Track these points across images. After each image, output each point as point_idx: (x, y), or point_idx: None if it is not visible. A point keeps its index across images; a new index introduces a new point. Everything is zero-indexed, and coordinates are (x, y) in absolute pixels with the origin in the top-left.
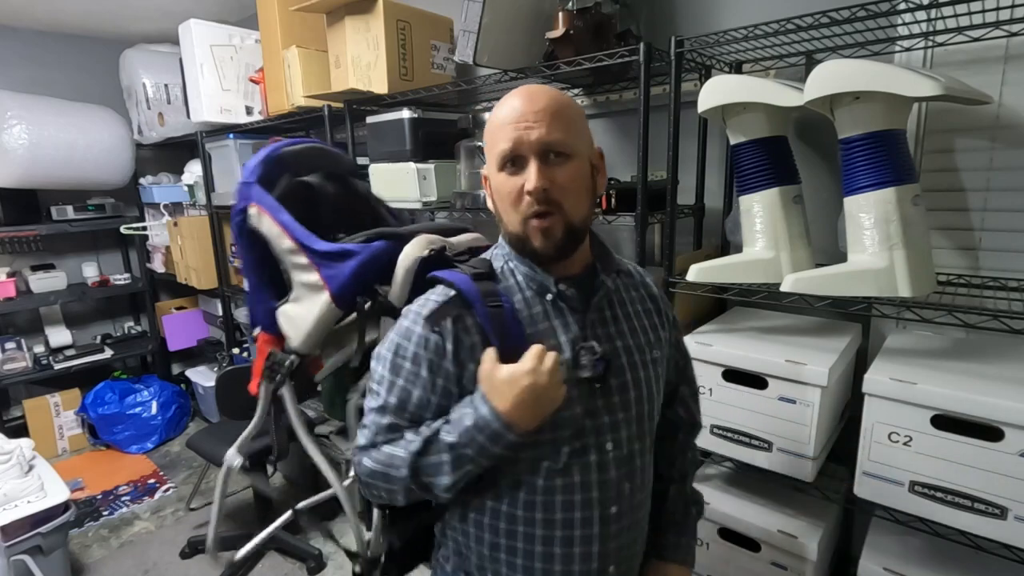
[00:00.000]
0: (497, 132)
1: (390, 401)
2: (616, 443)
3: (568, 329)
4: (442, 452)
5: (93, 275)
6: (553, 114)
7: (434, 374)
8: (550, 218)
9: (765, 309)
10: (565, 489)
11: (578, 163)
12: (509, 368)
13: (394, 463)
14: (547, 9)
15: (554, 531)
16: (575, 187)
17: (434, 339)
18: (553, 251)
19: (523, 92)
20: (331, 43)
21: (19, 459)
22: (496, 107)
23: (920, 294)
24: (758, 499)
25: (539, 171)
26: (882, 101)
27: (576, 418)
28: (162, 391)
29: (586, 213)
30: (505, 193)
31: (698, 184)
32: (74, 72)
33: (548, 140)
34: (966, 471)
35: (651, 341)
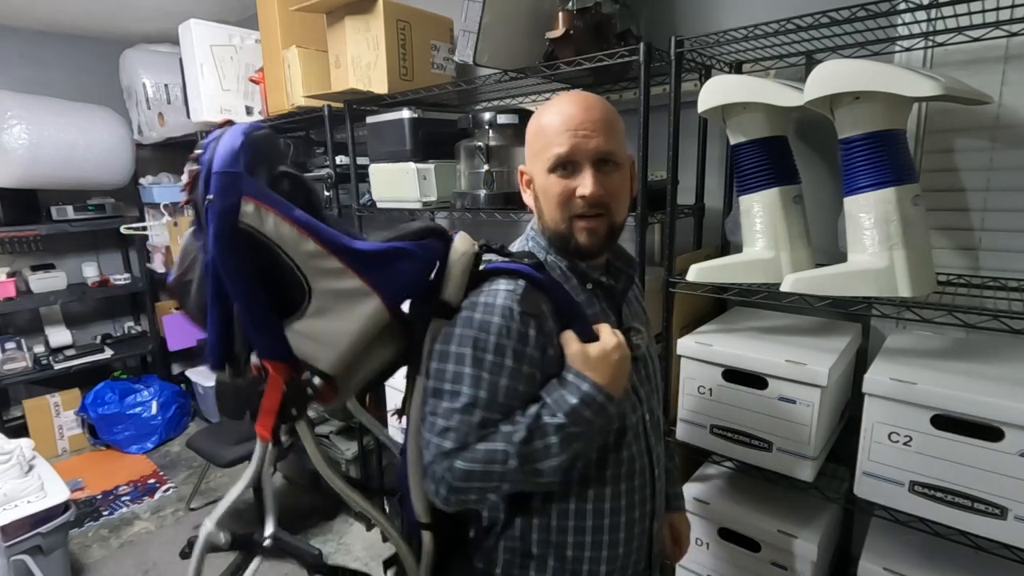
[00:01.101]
0: (551, 136)
1: (480, 396)
2: (651, 412)
3: (608, 314)
4: (549, 435)
5: (93, 275)
6: (608, 125)
7: (519, 362)
8: (598, 220)
9: (765, 309)
10: (614, 464)
11: (624, 172)
12: (598, 346)
13: (496, 458)
14: (547, 9)
15: (620, 500)
16: (622, 193)
17: (516, 327)
18: (598, 248)
19: (579, 100)
20: (331, 43)
21: (19, 459)
22: (546, 111)
23: (920, 294)
24: (758, 499)
25: (595, 178)
26: (882, 101)
27: (629, 391)
28: (162, 391)
29: (626, 215)
30: (554, 194)
31: (698, 184)
32: (74, 72)
33: (605, 150)
34: (966, 471)
35: (649, 322)
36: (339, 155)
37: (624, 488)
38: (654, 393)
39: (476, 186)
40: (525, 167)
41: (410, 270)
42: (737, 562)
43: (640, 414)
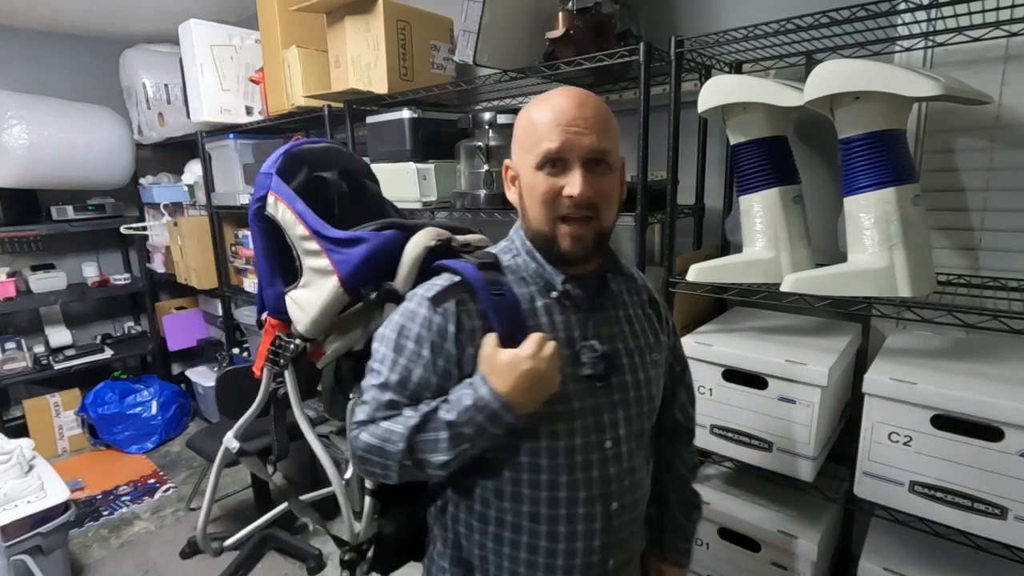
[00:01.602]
0: (542, 131)
1: (391, 378)
2: (615, 441)
3: (570, 327)
4: (440, 430)
5: (93, 275)
6: (602, 123)
7: (436, 355)
8: (586, 225)
9: (765, 309)
10: (568, 486)
11: (616, 175)
12: (510, 352)
13: (391, 438)
14: (547, 9)
15: (558, 526)
16: (612, 197)
17: (437, 320)
18: (582, 255)
19: (571, 95)
20: (331, 43)
21: (19, 459)
22: (537, 105)
23: (920, 294)
24: (758, 499)
25: (585, 179)
26: (882, 101)
27: (574, 414)
28: (162, 391)
29: (614, 220)
30: (541, 192)
31: (698, 184)
32: (74, 72)
33: (598, 148)
34: (966, 471)
35: (651, 344)
36: None
37: (564, 514)
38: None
39: (476, 186)
40: (511, 162)
41: (364, 256)
42: (737, 562)
43: (597, 440)
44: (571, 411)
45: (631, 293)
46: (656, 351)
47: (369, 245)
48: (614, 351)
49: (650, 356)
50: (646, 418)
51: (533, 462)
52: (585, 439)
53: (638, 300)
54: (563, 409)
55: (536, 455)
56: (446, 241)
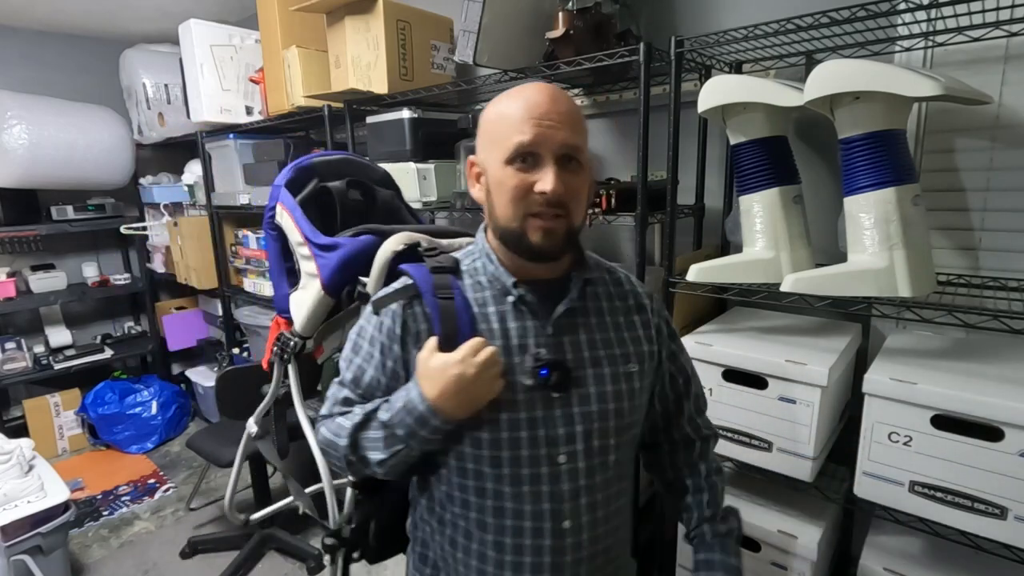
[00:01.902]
0: (513, 123)
1: (347, 376)
2: (570, 456)
3: (524, 333)
4: (377, 429)
5: (93, 275)
6: (574, 118)
7: (384, 356)
8: (557, 220)
9: (765, 309)
10: (514, 497)
11: (586, 174)
12: (442, 356)
13: (340, 433)
14: (547, 9)
15: (504, 537)
16: (582, 195)
17: (386, 322)
18: (553, 249)
19: (542, 89)
20: (331, 43)
21: (19, 459)
22: (506, 98)
23: (920, 294)
24: (758, 499)
25: (558, 175)
26: (882, 101)
27: (519, 424)
28: (162, 391)
29: (584, 219)
30: (510, 187)
31: (698, 184)
32: (74, 72)
33: (572, 144)
34: (966, 471)
35: (629, 354)
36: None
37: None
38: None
39: None
40: (475, 157)
41: (339, 260)
42: None
43: (548, 453)
44: (516, 421)
45: (613, 298)
46: (634, 362)
47: (344, 250)
48: (577, 360)
49: (624, 367)
50: (614, 434)
51: (478, 469)
52: (532, 451)
53: (621, 306)
54: (508, 418)
55: (479, 463)
56: (413, 245)
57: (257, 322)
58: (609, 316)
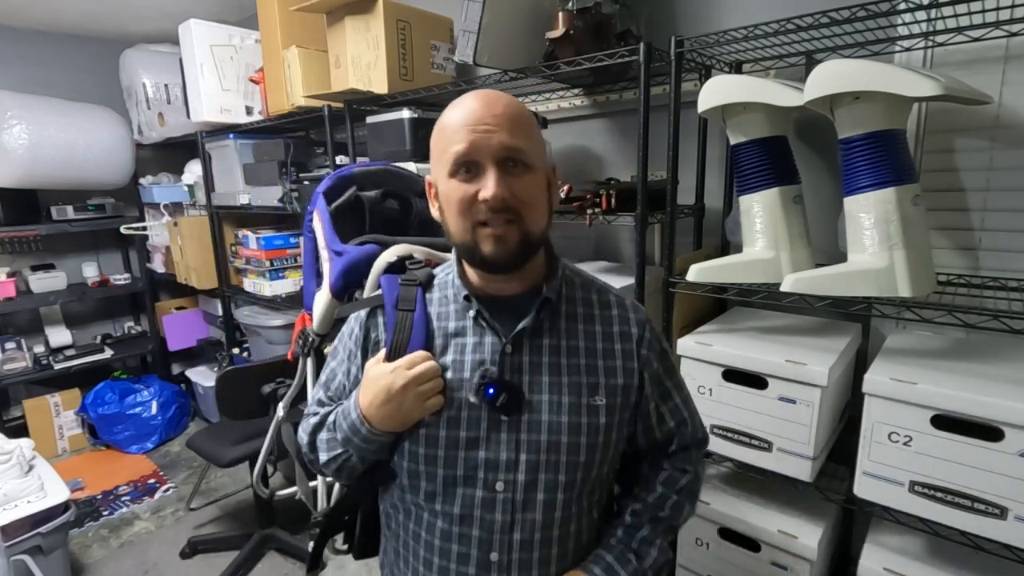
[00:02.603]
0: (449, 135)
1: (322, 379)
2: (508, 485)
3: (480, 349)
4: (325, 432)
5: (93, 275)
6: (513, 120)
7: (350, 362)
8: (506, 226)
9: (765, 309)
10: (444, 516)
11: (537, 176)
12: (378, 366)
13: (304, 430)
14: (547, 9)
15: (433, 555)
16: (534, 198)
17: (356, 330)
18: (506, 259)
19: (479, 94)
20: (331, 43)
21: (19, 459)
22: (447, 110)
23: (920, 294)
24: (758, 499)
25: (498, 179)
26: (882, 101)
27: (458, 442)
28: (162, 391)
29: (544, 226)
30: (455, 200)
31: (698, 184)
32: (74, 72)
33: (509, 145)
34: (966, 471)
35: (597, 385)
36: (339, 155)
37: (438, 545)
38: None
39: None
40: (430, 176)
41: (342, 267)
42: (737, 562)
43: (486, 478)
44: (455, 439)
45: (594, 321)
46: (602, 395)
47: (346, 258)
48: (534, 383)
49: (589, 399)
50: (563, 470)
51: (414, 484)
52: (468, 472)
53: (602, 331)
54: (447, 435)
55: (416, 477)
56: (405, 257)
57: (257, 322)
58: (583, 341)
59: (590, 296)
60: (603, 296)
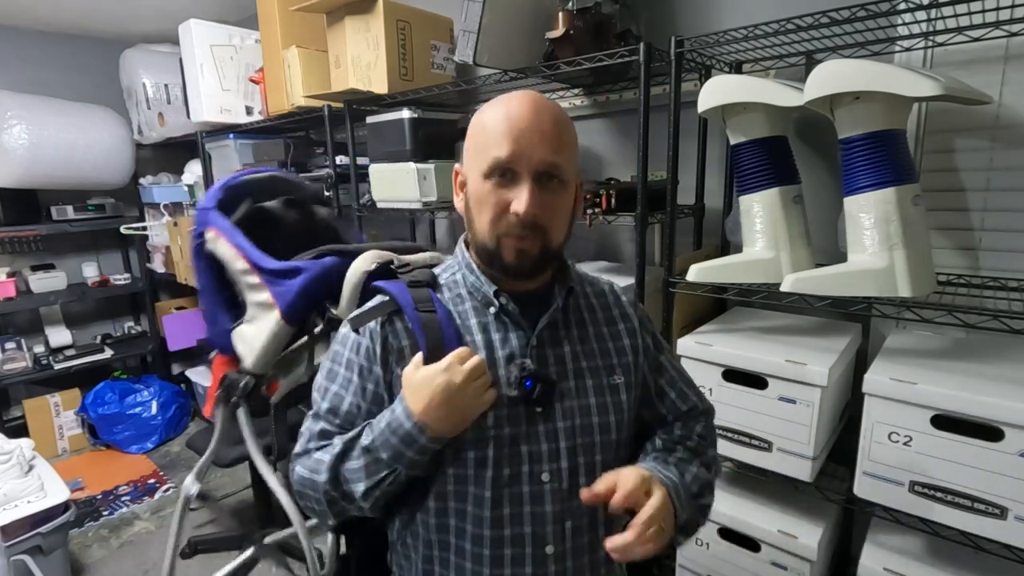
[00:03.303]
0: (491, 135)
1: (323, 406)
2: (554, 474)
3: (507, 344)
4: (360, 456)
5: (93, 275)
6: (559, 136)
7: (364, 379)
8: (531, 240)
9: (765, 309)
10: (495, 523)
11: (569, 191)
12: (427, 367)
13: (319, 468)
14: (547, 9)
15: (483, 567)
16: (562, 214)
17: (365, 343)
18: (526, 269)
19: (530, 101)
20: (331, 43)
21: (19, 459)
22: (490, 108)
23: (920, 294)
24: (758, 499)
25: (533, 195)
26: (882, 101)
27: (502, 440)
28: (162, 391)
29: (564, 239)
30: (487, 204)
31: (698, 184)
32: (74, 72)
33: (551, 163)
34: (966, 471)
35: (613, 365)
36: (339, 155)
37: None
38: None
39: None
40: (460, 166)
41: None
42: (737, 562)
43: (531, 471)
44: (500, 437)
45: (596, 309)
46: (619, 373)
47: (307, 275)
48: (560, 372)
49: (608, 379)
50: (599, 450)
51: (459, 490)
52: (513, 469)
53: (604, 316)
54: (491, 435)
55: (461, 483)
56: (385, 263)
57: None
58: (592, 327)
59: (586, 288)
60: (596, 286)
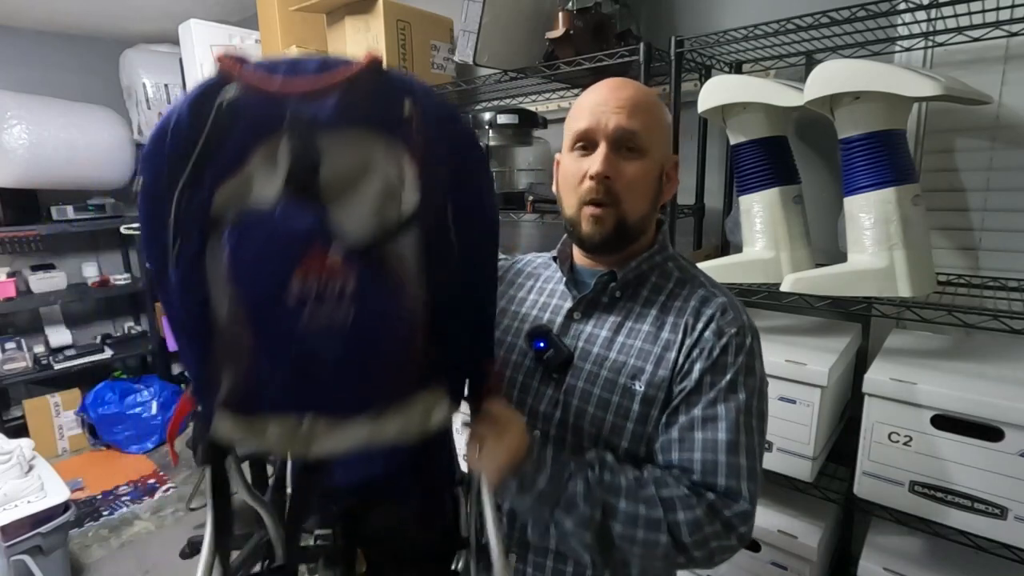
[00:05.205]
0: (577, 113)
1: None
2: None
3: (559, 311)
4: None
5: (93, 275)
6: (635, 105)
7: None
8: (604, 208)
9: (765, 309)
10: None
11: (649, 163)
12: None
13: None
14: (547, 9)
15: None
16: (639, 185)
17: None
18: (599, 240)
19: (612, 80)
20: (331, 43)
21: (19, 459)
22: (584, 93)
23: (920, 294)
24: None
25: (606, 157)
26: (882, 101)
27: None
28: (162, 391)
29: (644, 214)
30: (570, 174)
31: (698, 184)
32: (74, 72)
33: (625, 127)
34: (966, 471)
35: (640, 369)
36: None
37: None
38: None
39: None
40: (558, 155)
41: None
42: (737, 562)
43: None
44: (512, 380)
45: (668, 311)
46: (641, 382)
47: None
48: (585, 352)
49: (627, 380)
50: (586, 439)
51: None
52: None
53: (671, 321)
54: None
55: None
56: None
57: None
58: (648, 324)
59: (681, 290)
60: (694, 290)
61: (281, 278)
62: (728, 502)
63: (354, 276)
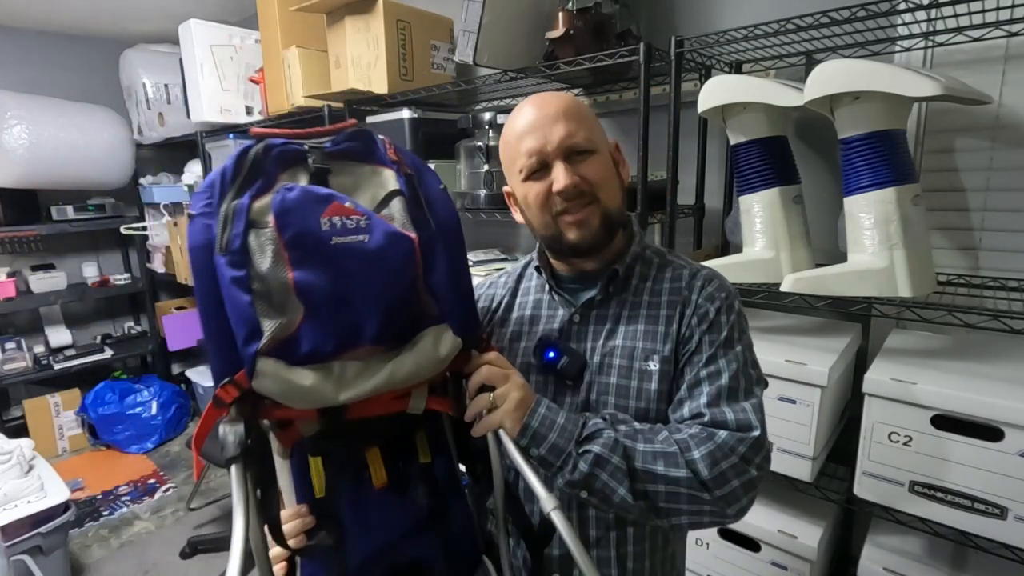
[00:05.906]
0: (515, 144)
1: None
2: None
3: (554, 319)
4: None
5: (93, 275)
6: (566, 113)
7: None
8: (587, 209)
9: (765, 309)
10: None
11: (601, 157)
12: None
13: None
14: (547, 9)
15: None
16: (605, 178)
17: None
18: (590, 240)
19: (534, 100)
20: (331, 43)
21: (19, 459)
22: (507, 121)
23: (920, 294)
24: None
25: (566, 169)
26: (882, 101)
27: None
28: (162, 391)
29: (620, 202)
30: (533, 198)
31: (698, 184)
32: (74, 72)
33: (571, 140)
34: (966, 471)
35: (651, 350)
36: None
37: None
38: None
39: (476, 186)
40: (506, 187)
41: None
42: (737, 562)
43: None
44: None
45: (662, 293)
46: (655, 360)
47: None
48: (592, 349)
49: (641, 363)
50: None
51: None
52: None
53: (666, 300)
54: None
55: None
56: None
57: None
58: (645, 309)
59: (664, 273)
60: (678, 271)
61: (315, 216)
62: (740, 435)
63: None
